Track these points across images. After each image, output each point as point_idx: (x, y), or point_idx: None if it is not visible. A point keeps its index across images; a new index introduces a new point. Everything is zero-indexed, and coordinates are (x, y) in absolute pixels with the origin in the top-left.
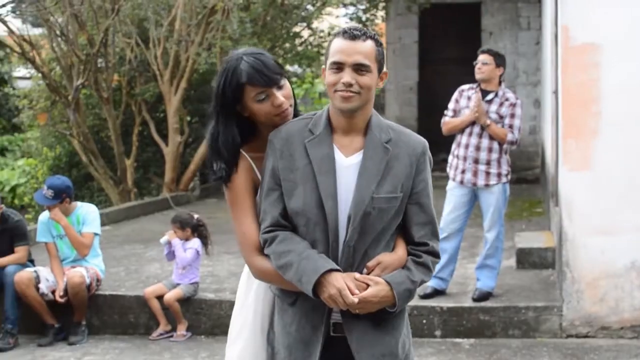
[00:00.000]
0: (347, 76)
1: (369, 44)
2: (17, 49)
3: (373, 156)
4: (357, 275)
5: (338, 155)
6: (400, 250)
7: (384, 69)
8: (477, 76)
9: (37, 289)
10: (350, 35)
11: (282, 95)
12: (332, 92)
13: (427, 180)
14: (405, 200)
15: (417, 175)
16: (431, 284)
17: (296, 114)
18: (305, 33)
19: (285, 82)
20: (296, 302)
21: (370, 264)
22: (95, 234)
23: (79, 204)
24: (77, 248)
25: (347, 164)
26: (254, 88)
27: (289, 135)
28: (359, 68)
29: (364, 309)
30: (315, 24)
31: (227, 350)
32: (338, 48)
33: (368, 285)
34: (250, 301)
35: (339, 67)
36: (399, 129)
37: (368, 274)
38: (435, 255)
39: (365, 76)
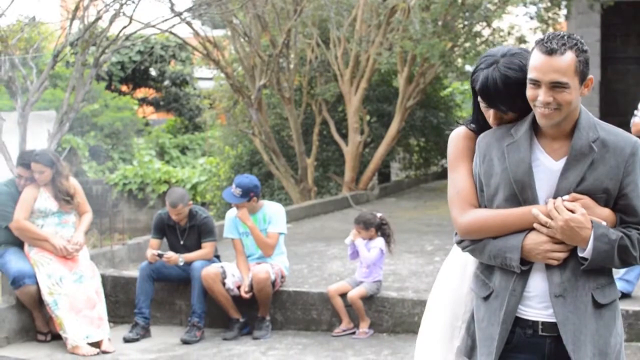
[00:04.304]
0: (544, 95)
1: (568, 58)
2: (201, 50)
3: (578, 157)
4: (567, 202)
5: (547, 159)
6: (608, 210)
7: (589, 75)
8: None
9: (223, 284)
10: (547, 49)
11: (504, 117)
12: (532, 105)
13: (637, 181)
14: (611, 201)
15: (626, 177)
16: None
17: None
18: (486, 32)
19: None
20: (489, 297)
21: (576, 195)
22: (281, 233)
23: (265, 202)
24: (262, 248)
25: (557, 168)
26: (479, 95)
27: (493, 139)
28: (556, 86)
29: (561, 232)
30: (495, 23)
31: (419, 334)
32: (535, 64)
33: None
34: (444, 292)
35: (535, 83)
36: (608, 127)
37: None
38: None
39: (564, 93)
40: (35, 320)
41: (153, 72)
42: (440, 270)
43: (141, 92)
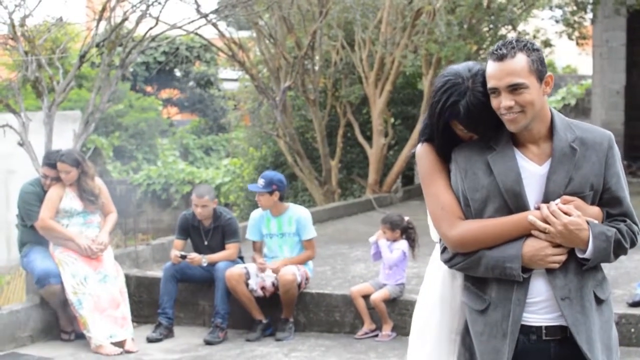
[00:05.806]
0: (505, 100)
1: (519, 59)
2: (227, 51)
3: (561, 159)
4: (561, 205)
5: (531, 165)
6: (597, 208)
7: (547, 73)
8: None
9: (247, 285)
10: (497, 55)
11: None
12: (499, 114)
13: (619, 173)
14: (597, 197)
15: (608, 170)
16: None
17: None
18: (511, 35)
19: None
20: (487, 310)
21: (567, 198)
22: (313, 238)
23: (290, 205)
24: (306, 262)
25: (542, 172)
26: (462, 125)
27: (472, 152)
28: (514, 88)
29: (561, 237)
30: (521, 26)
31: (410, 351)
32: (490, 72)
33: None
34: (435, 303)
35: (494, 91)
36: (582, 125)
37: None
38: (634, 233)
39: (524, 94)
40: (60, 319)
41: (178, 72)
42: (424, 285)
43: (166, 93)
